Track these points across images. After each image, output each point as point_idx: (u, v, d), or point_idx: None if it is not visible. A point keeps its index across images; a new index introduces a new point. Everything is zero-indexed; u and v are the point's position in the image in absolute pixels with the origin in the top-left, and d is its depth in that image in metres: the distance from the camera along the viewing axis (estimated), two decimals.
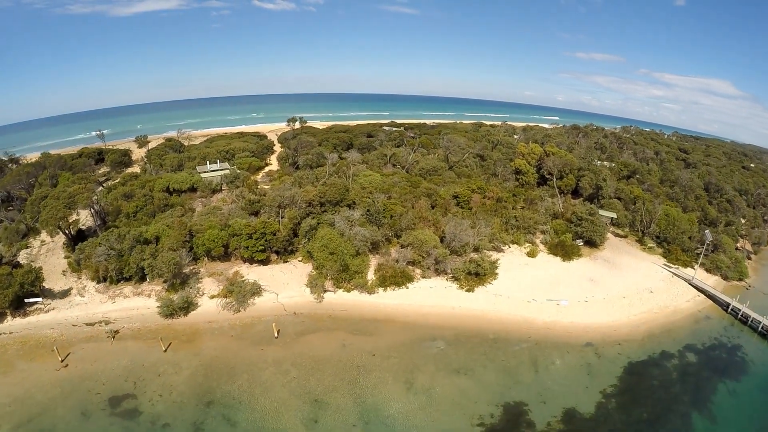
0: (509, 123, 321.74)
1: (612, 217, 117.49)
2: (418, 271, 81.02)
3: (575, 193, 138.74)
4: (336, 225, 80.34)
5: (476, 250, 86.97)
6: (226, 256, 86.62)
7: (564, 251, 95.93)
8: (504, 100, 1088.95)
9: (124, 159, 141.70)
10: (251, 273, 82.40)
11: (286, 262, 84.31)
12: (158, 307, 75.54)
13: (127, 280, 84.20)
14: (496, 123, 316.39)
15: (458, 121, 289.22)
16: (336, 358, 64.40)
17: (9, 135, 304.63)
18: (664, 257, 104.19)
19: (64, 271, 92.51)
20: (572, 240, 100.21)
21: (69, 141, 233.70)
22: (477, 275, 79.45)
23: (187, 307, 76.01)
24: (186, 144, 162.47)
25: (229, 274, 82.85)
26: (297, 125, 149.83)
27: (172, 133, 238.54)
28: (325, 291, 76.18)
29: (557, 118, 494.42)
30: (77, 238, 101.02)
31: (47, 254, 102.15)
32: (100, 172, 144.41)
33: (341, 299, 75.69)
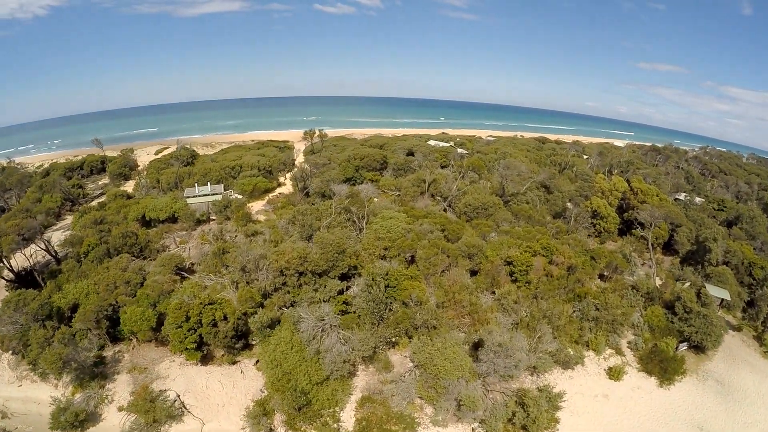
0: (577, 138, 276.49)
1: (722, 299, 77.72)
2: (428, 409, 46.83)
3: (666, 245, 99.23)
4: (302, 326, 47.62)
5: (532, 368, 52.17)
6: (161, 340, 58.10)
7: (662, 367, 58.41)
8: (565, 110, 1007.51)
9: (123, 170, 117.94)
10: (180, 377, 52.08)
11: (234, 363, 53.40)
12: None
13: None
14: (561, 138, 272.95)
15: (518, 134, 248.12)
16: None
17: (62, 127, 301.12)
18: None
19: None
20: (675, 345, 62.75)
21: (113, 138, 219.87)
22: (524, 429, 44.85)
23: (82, 423, 48.84)
24: (201, 152, 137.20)
25: (153, 374, 53.76)
26: (316, 138, 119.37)
27: (213, 136, 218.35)
28: None
29: (632, 133, 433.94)
30: (25, 279, 77.30)
31: None
32: (100, 183, 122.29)
33: None
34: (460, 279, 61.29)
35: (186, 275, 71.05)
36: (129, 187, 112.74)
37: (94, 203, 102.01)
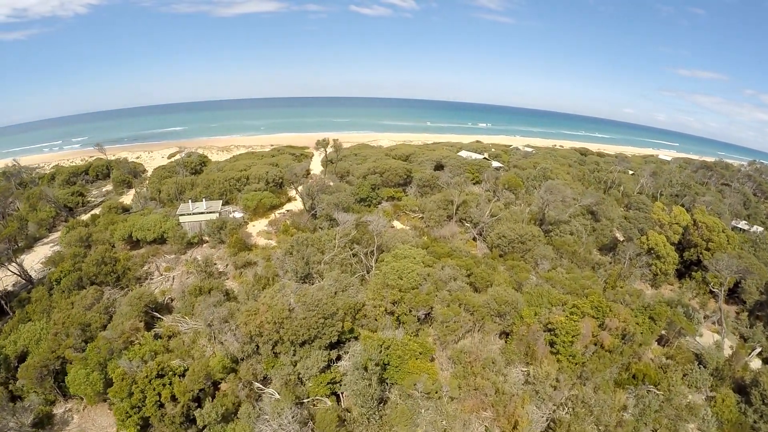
0: (621, 150, 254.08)
1: None
2: None
3: (730, 290, 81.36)
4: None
5: None
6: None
7: None
8: (602, 117, 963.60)
9: (127, 178, 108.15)
10: None
11: None
12: None
13: None
14: (603, 148, 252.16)
15: (557, 144, 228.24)
16: None
17: (94, 123, 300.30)
18: None
19: None
20: None
21: (137, 136, 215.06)
22: None
23: None
24: (215, 157, 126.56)
25: None
26: (330, 149, 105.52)
27: (237, 137, 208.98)
28: None
29: (677, 144, 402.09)
30: None
31: None
32: (104, 190, 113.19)
33: None
34: (485, 352, 46.61)
35: (158, 316, 59.39)
36: (130, 196, 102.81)
37: (87, 216, 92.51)
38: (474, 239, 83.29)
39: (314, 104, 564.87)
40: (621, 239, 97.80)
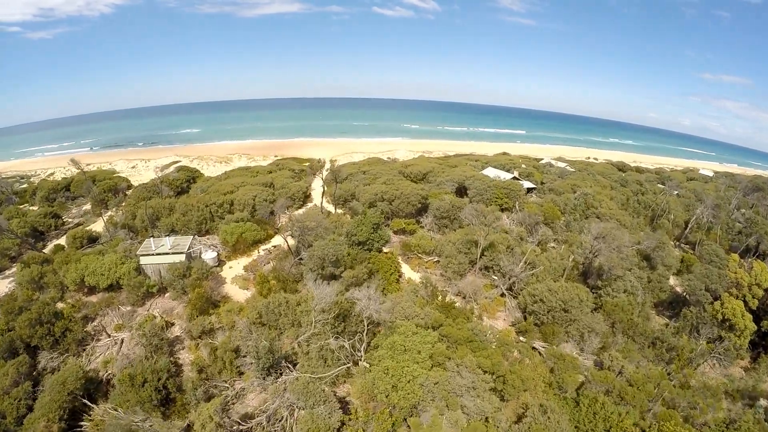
0: (659, 163, 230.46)
1: None
2: None
3: None
4: None
5: None
6: None
7: None
8: (627, 121, 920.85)
9: (105, 196, 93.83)
10: None
11: None
12: None
13: None
14: (639, 159, 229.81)
15: (590, 157, 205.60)
16: None
17: (107, 122, 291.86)
18: None
19: None
20: None
21: (146, 137, 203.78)
22: None
23: None
24: (209, 171, 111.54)
25: None
26: (325, 172, 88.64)
27: (241, 143, 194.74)
28: None
29: (713, 153, 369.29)
30: None
31: None
32: (83, 209, 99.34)
33: None
34: None
35: (89, 405, 44.27)
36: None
37: (53, 245, 78.68)
38: (502, 295, 65.49)
39: (334, 105, 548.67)
40: (679, 290, 78.51)
